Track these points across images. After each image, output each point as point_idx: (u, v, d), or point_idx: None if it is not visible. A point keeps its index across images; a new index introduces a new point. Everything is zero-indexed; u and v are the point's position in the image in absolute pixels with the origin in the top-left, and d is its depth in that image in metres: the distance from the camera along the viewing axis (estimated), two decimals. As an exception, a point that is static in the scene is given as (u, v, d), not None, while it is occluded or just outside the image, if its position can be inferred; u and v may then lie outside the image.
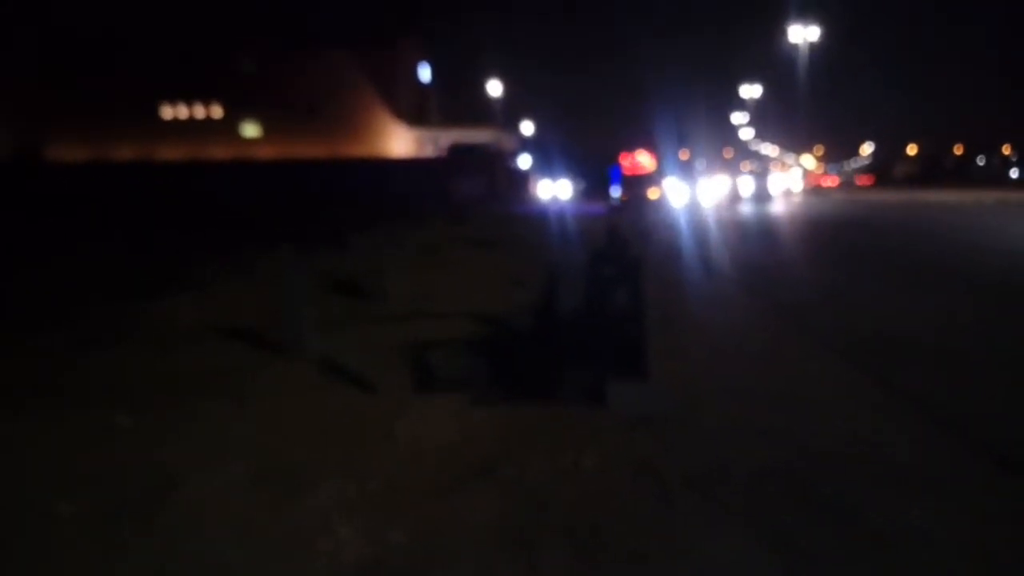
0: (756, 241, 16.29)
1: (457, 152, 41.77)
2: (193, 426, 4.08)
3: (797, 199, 39.17)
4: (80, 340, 6.23)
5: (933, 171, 63.68)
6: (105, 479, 3.36)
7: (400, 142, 50.58)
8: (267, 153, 46.12)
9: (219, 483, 3.31)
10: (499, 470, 3.39)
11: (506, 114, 54.07)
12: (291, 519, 2.98)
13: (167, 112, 50.33)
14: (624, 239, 5.10)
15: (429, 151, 49.76)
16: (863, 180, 68.22)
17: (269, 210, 21.66)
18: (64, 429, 4.04)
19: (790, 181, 43.09)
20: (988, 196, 33.78)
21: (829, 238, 16.75)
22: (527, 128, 56.85)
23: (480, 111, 51.01)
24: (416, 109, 52.77)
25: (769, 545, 2.69)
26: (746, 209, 28.33)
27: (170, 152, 46.18)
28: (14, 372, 5.36)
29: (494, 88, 51.58)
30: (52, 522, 2.97)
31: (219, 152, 46.32)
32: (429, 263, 10.92)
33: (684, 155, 39.55)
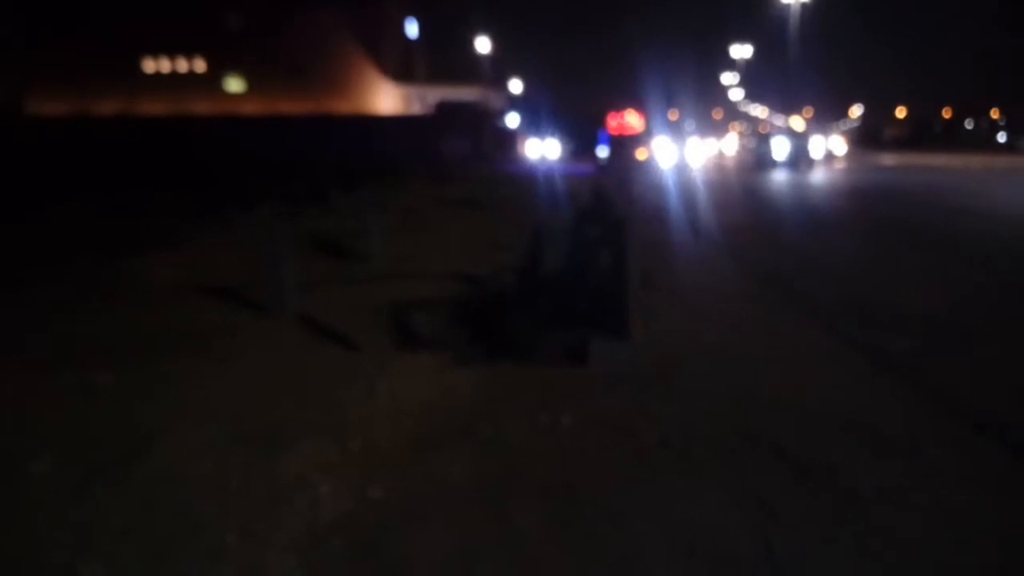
0: (749, 205, 16.26)
1: (444, 110, 41.21)
2: (172, 385, 4.06)
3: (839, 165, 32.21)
4: (59, 298, 6.17)
5: (922, 134, 63.68)
6: (81, 438, 3.35)
7: (386, 99, 49.84)
8: (251, 109, 45.34)
9: (197, 442, 3.30)
10: (478, 429, 3.41)
11: (494, 72, 53.30)
12: (269, 477, 2.98)
13: (149, 66, 49.29)
14: (609, 200, 5.06)
15: (416, 108, 49.09)
16: None
17: (252, 167, 21.34)
18: (41, 388, 4.01)
19: (833, 144, 35.00)
20: (974, 161, 33.04)
21: (819, 198, 16.76)
22: (515, 87, 56.12)
23: (468, 69, 50.25)
24: (402, 66, 51.86)
25: (743, 505, 2.72)
26: (779, 176, 23.97)
27: (152, 107, 45.28)
28: (-10, 329, 5.31)
29: (482, 45, 50.70)
30: (26, 481, 2.96)
31: (202, 107, 45.49)
32: (413, 223, 10.85)
33: (673, 115, 39.24)
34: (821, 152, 30.72)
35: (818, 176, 24.54)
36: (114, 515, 2.70)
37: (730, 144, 48.90)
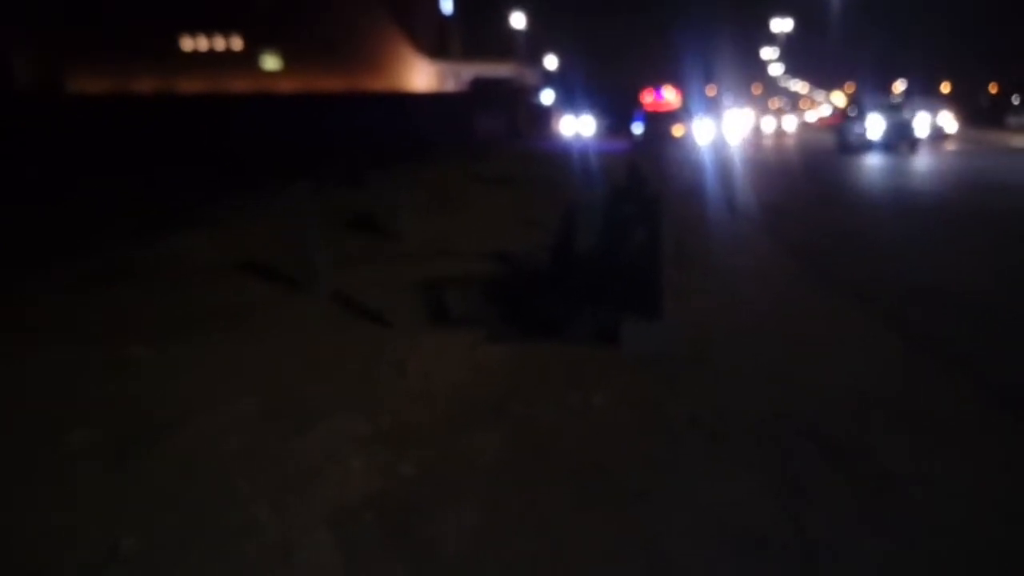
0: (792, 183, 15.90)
1: (478, 87, 40.99)
2: (208, 360, 4.13)
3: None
4: (98, 274, 6.30)
5: (965, 111, 61.28)
6: (118, 411, 3.42)
7: (421, 76, 49.76)
8: (287, 86, 45.74)
9: (231, 416, 3.35)
10: (509, 407, 3.40)
11: (529, 48, 52.78)
12: (303, 450, 3.02)
13: (187, 44, 49.93)
14: (643, 177, 4.98)
15: (450, 85, 48.96)
16: None
17: (287, 145, 21.53)
18: (80, 362, 4.10)
19: (943, 121, 28.13)
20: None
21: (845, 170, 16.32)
22: (550, 63, 55.54)
23: (503, 45, 49.81)
24: (437, 42, 51.70)
25: (774, 485, 2.68)
26: (872, 161, 19.65)
27: (190, 84, 46.02)
28: (32, 307, 5.45)
29: (517, 21, 50.17)
30: (65, 452, 3.04)
31: (239, 85, 46.05)
32: (448, 201, 10.83)
33: (711, 91, 38.51)
34: (927, 130, 24.38)
35: (928, 162, 19.26)
36: (148, 484, 2.76)
37: (790, 121, 46.14)
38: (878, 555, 2.29)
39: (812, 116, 56.47)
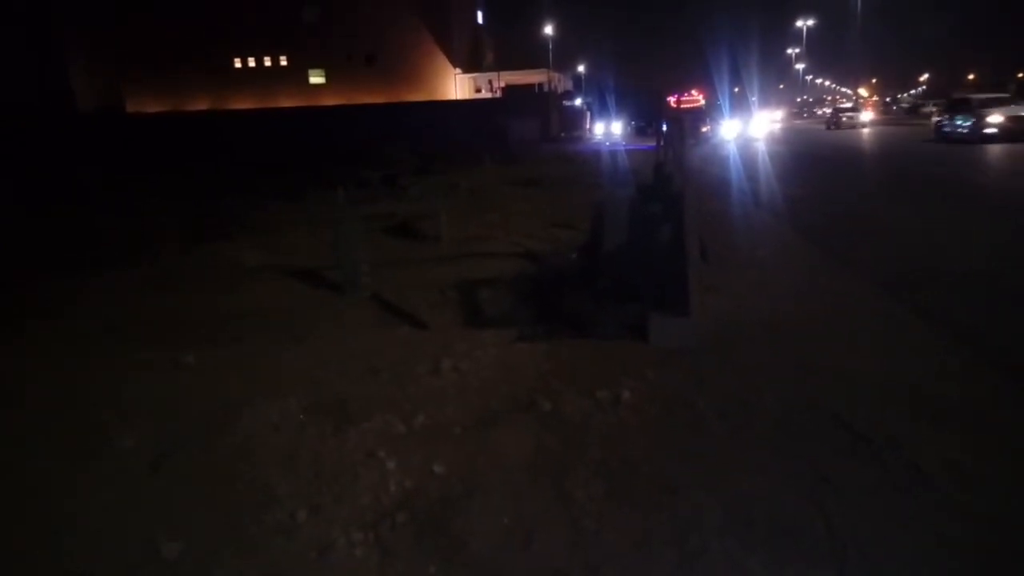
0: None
1: (511, 93, 41.28)
2: (252, 362, 4.29)
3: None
4: (151, 280, 6.59)
5: None
6: (166, 414, 3.58)
7: (456, 85, 50.39)
8: (331, 100, 46.98)
9: (274, 416, 3.47)
10: (538, 404, 3.46)
11: (559, 54, 52.97)
12: (340, 450, 3.11)
13: (237, 63, 51.86)
14: (669, 175, 5.00)
15: (484, 93, 49.40)
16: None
17: (331, 154, 21.97)
18: (131, 364, 4.30)
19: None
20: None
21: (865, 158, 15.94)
22: (581, 68, 55.67)
23: (534, 52, 50.09)
24: (472, 52, 52.39)
25: (802, 477, 2.69)
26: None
27: (242, 102, 47.89)
28: (84, 310, 5.72)
29: (548, 28, 50.40)
30: (113, 454, 3.19)
31: (287, 100, 47.67)
32: (482, 204, 10.95)
33: (737, 90, 38.64)
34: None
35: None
36: (193, 486, 2.89)
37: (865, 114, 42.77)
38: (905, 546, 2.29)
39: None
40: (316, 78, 51.78)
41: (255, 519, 2.63)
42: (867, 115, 41.04)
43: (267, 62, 52.22)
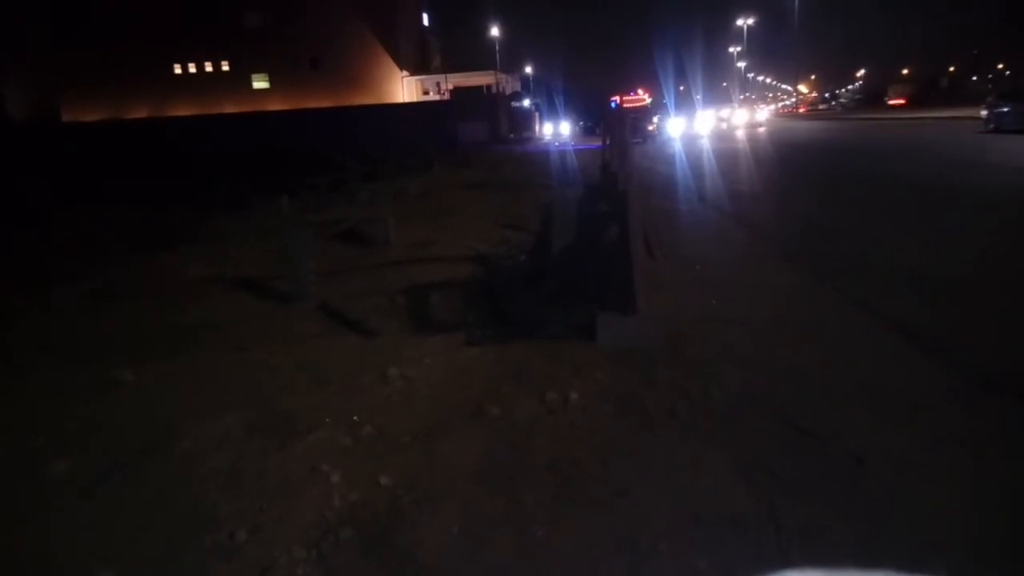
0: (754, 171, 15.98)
1: (459, 96, 41.31)
2: (194, 377, 4.15)
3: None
4: (88, 294, 6.35)
5: (928, 93, 62.22)
6: (101, 433, 3.44)
7: (403, 88, 50.15)
8: (275, 106, 46.21)
9: (216, 433, 3.36)
10: (487, 409, 3.42)
11: (508, 57, 53.26)
12: (284, 466, 3.02)
13: (178, 70, 50.67)
14: (615, 174, 5.02)
15: (433, 96, 49.28)
16: (896, 100, 65.36)
17: (277, 160, 21.60)
18: (64, 383, 4.12)
19: None
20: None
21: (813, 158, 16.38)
22: (529, 70, 56.06)
23: (482, 55, 50.27)
24: (419, 55, 52.25)
25: (750, 473, 2.70)
26: None
27: (183, 108, 46.68)
28: (19, 328, 5.48)
29: (494, 32, 50.63)
30: (45, 481, 3.04)
31: (229, 106, 46.65)
32: (430, 208, 10.88)
33: (682, 88, 39.86)
34: None
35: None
36: (129, 511, 2.77)
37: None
38: (852, 538, 2.32)
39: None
40: (260, 83, 50.99)
41: (193, 543, 2.52)
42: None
43: (208, 68, 51.23)
